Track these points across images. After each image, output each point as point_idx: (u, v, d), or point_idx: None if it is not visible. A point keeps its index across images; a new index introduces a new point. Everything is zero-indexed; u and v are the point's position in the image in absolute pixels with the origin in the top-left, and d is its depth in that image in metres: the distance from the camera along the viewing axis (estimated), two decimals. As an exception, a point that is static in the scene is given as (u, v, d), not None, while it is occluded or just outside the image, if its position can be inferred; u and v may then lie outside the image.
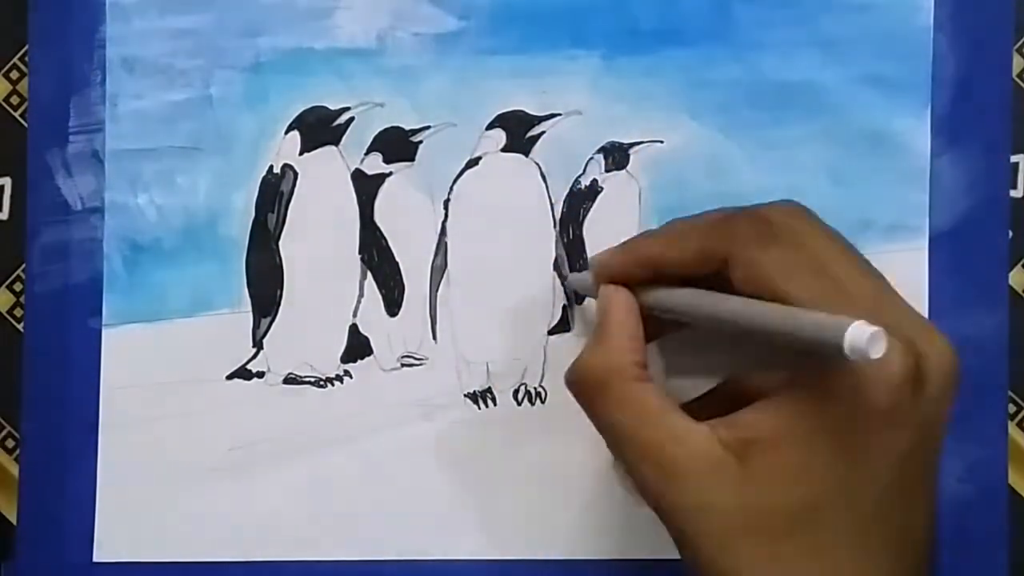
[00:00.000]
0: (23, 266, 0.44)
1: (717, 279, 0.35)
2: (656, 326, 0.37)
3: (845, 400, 0.31)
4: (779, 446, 0.32)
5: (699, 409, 0.34)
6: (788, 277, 0.33)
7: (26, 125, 0.44)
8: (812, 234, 0.35)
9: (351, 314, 0.43)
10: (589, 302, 0.43)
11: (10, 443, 0.44)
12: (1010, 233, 0.42)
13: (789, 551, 0.32)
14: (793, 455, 0.32)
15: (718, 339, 0.37)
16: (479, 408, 0.43)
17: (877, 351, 0.29)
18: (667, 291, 0.36)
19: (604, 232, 0.43)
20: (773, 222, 0.34)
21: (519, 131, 0.43)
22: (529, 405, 0.43)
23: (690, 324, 0.36)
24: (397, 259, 0.43)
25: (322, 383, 0.43)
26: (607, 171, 0.43)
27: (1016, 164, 0.42)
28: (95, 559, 0.43)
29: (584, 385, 0.35)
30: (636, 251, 0.37)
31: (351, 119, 0.43)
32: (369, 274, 0.43)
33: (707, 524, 0.32)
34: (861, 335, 0.29)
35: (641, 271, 0.37)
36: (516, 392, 0.43)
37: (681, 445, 0.33)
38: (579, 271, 0.43)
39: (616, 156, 0.43)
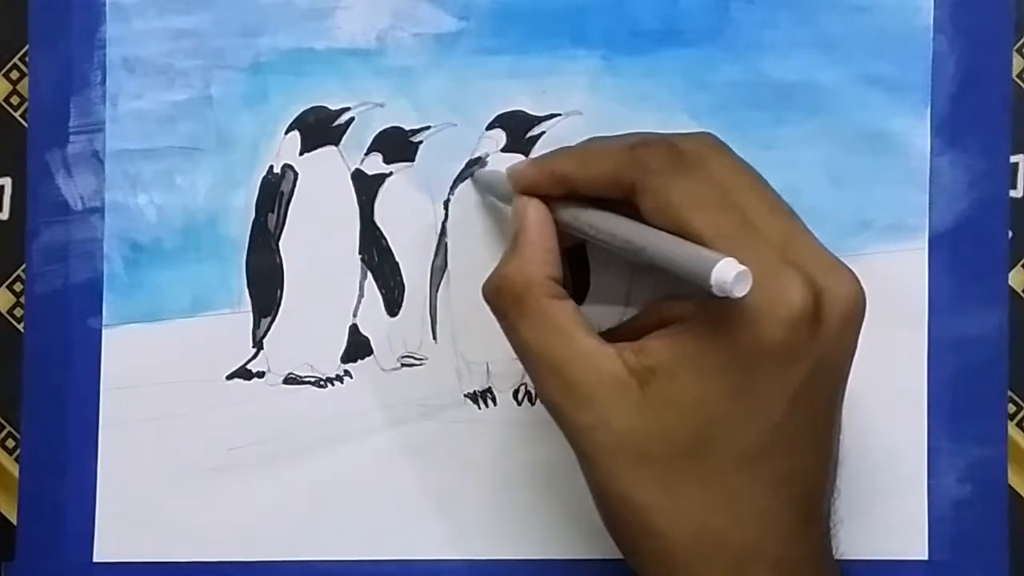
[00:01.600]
0: (23, 266, 0.44)
1: (631, 205, 0.35)
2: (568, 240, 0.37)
3: (741, 333, 0.31)
4: (676, 375, 0.32)
5: (618, 335, 0.35)
6: (694, 209, 0.33)
7: (26, 125, 0.44)
8: (723, 167, 0.34)
9: (351, 314, 0.43)
10: (589, 303, 0.43)
11: (10, 443, 0.44)
12: (1010, 233, 0.42)
13: (679, 478, 0.32)
14: (689, 385, 0.32)
15: (638, 266, 0.37)
16: (479, 408, 0.43)
17: (741, 290, 0.29)
18: (575, 210, 0.36)
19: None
20: (684, 152, 0.34)
21: (519, 131, 0.43)
22: (529, 405, 0.43)
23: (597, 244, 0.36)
24: (397, 259, 0.43)
25: (322, 383, 0.43)
26: (607, 171, 0.43)
27: (1016, 164, 0.43)
28: (95, 559, 0.43)
29: (500, 297, 0.35)
30: (551, 166, 0.37)
31: (351, 119, 0.43)
32: (369, 274, 0.43)
33: (603, 444, 0.33)
34: (727, 272, 0.29)
35: (554, 187, 0.37)
36: (516, 392, 0.43)
37: (587, 364, 0.33)
38: (578, 271, 0.43)
39: (616, 156, 0.43)
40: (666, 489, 0.33)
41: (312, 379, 0.43)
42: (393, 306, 0.43)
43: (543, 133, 0.43)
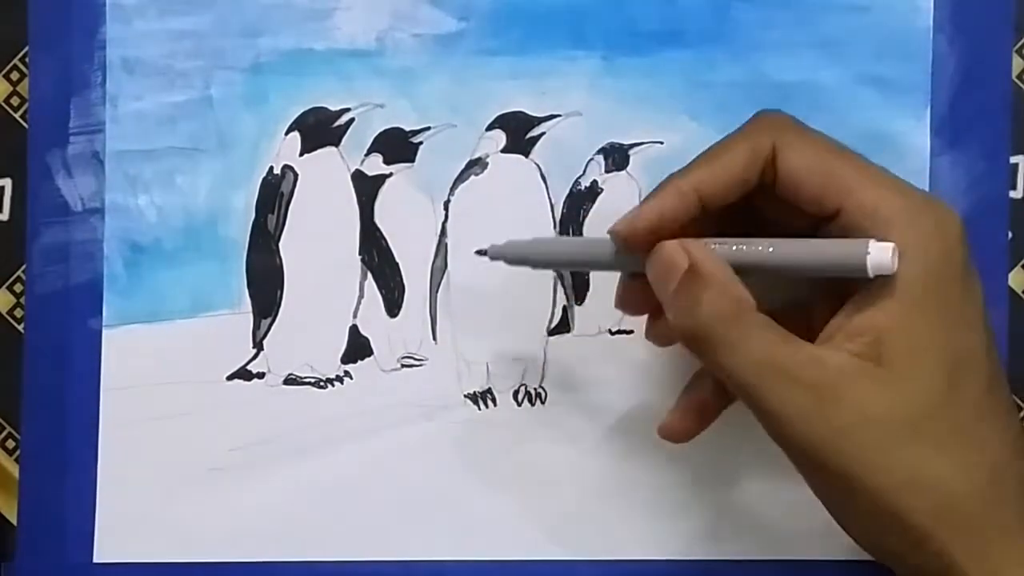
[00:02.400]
0: (23, 267, 0.44)
1: (746, 207, 0.35)
2: None
3: (934, 264, 0.33)
4: (903, 333, 0.32)
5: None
6: (832, 155, 0.34)
7: (26, 126, 0.44)
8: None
9: (351, 315, 0.43)
10: (589, 303, 0.43)
11: (10, 443, 0.44)
12: (1010, 233, 0.42)
13: (953, 432, 0.32)
14: (918, 336, 0.32)
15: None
16: (479, 408, 0.43)
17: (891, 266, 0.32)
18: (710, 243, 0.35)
19: (604, 233, 0.43)
20: (782, 114, 0.36)
21: (519, 132, 0.43)
22: (529, 406, 0.43)
23: None
24: (397, 260, 0.43)
25: (322, 383, 0.43)
26: (607, 172, 0.43)
27: (1016, 164, 0.42)
28: (95, 559, 0.43)
29: (711, 325, 0.33)
30: (677, 187, 0.35)
31: (351, 120, 0.43)
32: (369, 275, 0.43)
33: (869, 435, 0.32)
34: (883, 254, 0.32)
35: (684, 209, 0.34)
36: (516, 393, 0.43)
37: (823, 366, 0.32)
38: (579, 272, 0.43)
39: (616, 157, 0.43)
40: (948, 448, 0.32)
41: (312, 379, 0.43)
42: (393, 307, 0.43)
43: (543, 134, 0.43)
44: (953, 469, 0.32)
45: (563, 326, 0.43)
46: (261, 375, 0.43)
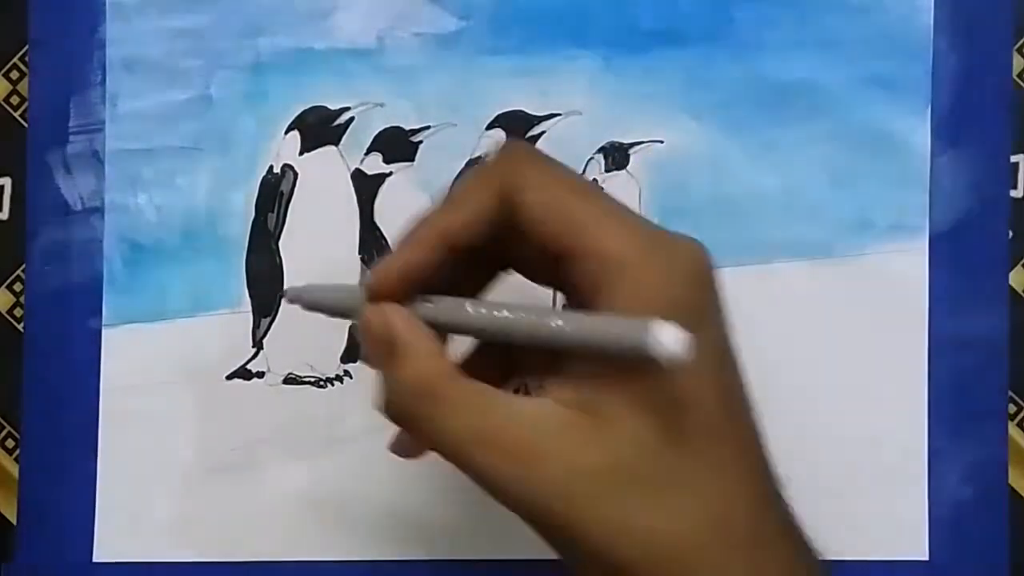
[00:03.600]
0: (23, 266, 0.44)
1: (496, 250, 0.33)
2: None
3: (657, 298, 0.31)
4: (612, 390, 0.31)
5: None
6: (571, 194, 0.32)
7: (26, 125, 0.44)
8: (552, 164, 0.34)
9: (351, 314, 0.43)
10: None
11: (10, 443, 0.44)
12: (1010, 233, 0.42)
13: (664, 485, 0.31)
14: (625, 393, 0.31)
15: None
16: (479, 408, 0.43)
17: (683, 353, 0.28)
18: (426, 307, 0.33)
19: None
20: (525, 145, 0.34)
21: (519, 131, 0.43)
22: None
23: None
24: (397, 259, 0.43)
25: (322, 383, 0.43)
26: (607, 171, 0.43)
27: (1016, 164, 0.42)
28: (95, 559, 0.43)
29: (405, 401, 0.32)
30: (423, 235, 0.33)
31: (351, 119, 0.43)
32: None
33: (577, 489, 0.31)
34: (669, 338, 0.28)
35: (433, 253, 0.33)
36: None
37: (522, 426, 0.31)
38: None
39: (616, 156, 0.43)
40: (661, 496, 0.31)
41: (312, 379, 0.43)
42: (393, 306, 0.43)
43: (543, 133, 0.43)
44: (667, 517, 0.31)
45: (563, 326, 0.43)
46: (261, 374, 0.43)
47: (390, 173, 0.43)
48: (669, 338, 0.28)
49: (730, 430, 0.32)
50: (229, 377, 0.43)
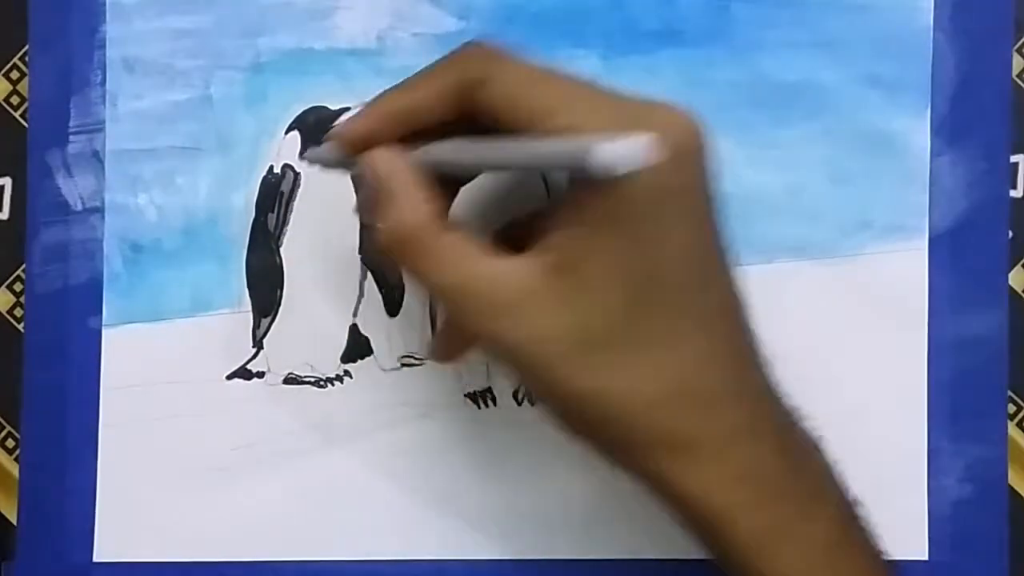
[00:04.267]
0: (23, 266, 0.44)
1: (462, 122, 0.34)
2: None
3: (622, 193, 0.31)
4: (583, 256, 0.32)
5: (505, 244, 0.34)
6: (534, 83, 0.33)
7: (26, 125, 0.44)
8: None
9: (351, 314, 0.43)
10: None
11: (10, 443, 0.44)
12: (1010, 233, 0.42)
13: (624, 354, 0.32)
14: (600, 259, 0.32)
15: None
16: (479, 408, 0.43)
17: (629, 162, 0.29)
18: (424, 148, 0.35)
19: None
20: (489, 43, 0.34)
21: (519, 131, 0.43)
22: (529, 405, 0.43)
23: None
24: (397, 259, 0.43)
25: (322, 383, 0.43)
26: (607, 171, 0.43)
27: (1016, 164, 0.42)
28: (95, 559, 0.43)
29: (394, 248, 0.34)
30: (381, 107, 0.35)
31: (351, 119, 0.43)
32: (369, 274, 0.43)
33: (543, 349, 0.32)
34: (610, 151, 0.29)
35: (390, 128, 0.35)
36: (516, 392, 0.43)
37: (500, 278, 0.32)
38: None
39: (616, 156, 0.43)
40: (617, 368, 0.32)
41: (312, 379, 0.43)
42: (393, 306, 0.43)
43: (543, 133, 0.43)
44: (635, 378, 0.32)
45: (563, 326, 0.43)
46: (261, 374, 0.43)
47: (390, 173, 0.43)
48: (626, 147, 0.29)
49: (702, 300, 0.33)
50: (229, 377, 0.43)
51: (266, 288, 0.43)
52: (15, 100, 0.44)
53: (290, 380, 0.43)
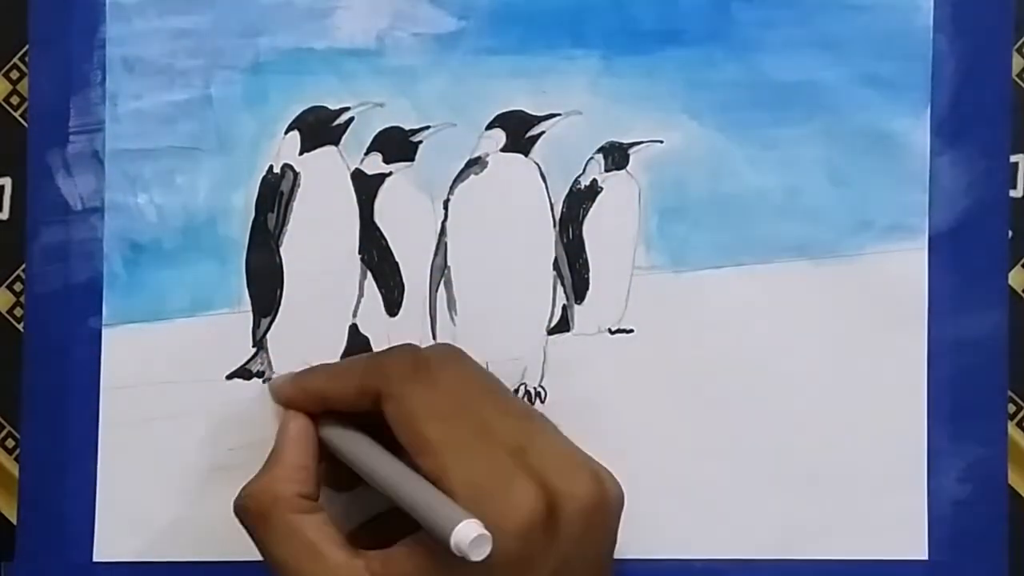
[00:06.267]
0: (23, 266, 0.44)
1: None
2: None
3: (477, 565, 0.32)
4: None
5: (373, 533, 0.36)
6: (429, 419, 0.34)
7: (26, 125, 0.44)
8: (461, 374, 0.37)
9: (351, 314, 0.43)
10: (589, 302, 0.43)
11: (10, 443, 0.44)
12: (1010, 233, 0.42)
13: None
14: None
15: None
16: (479, 408, 0.43)
17: (480, 554, 0.30)
18: (332, 425, 0.38)
19: (604, 232, 0.43)
20: (425, 359, 0.36)
21: (519, 131, 0.43)
22: (529, 404, 0.43)
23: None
24: (397, 259, 0.43)
25: (322, 383, 0.43)
26: (607, 171, 0.43)
27: (1016, 164, 0.42)
28: (95, 559, 0.43)
29: (248, 513, 0.36)
30: (303, 383, 0.39)
31: (351, 119, 0.43)
32: (369, 274, 0.43)
33: None
34: (466, 536, 0.30)
35: (310, 404, 0.38)
36: (516, 391, 0.43)
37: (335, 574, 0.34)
38: (577, 271, 0.43)
39: (616, 156, 0.43)
40: None
41: (312, 379, 0.43)
42: (393, 306, 0.43)
43: (543, 133, 0.43)
44: None
45: (563, 325, 0.43)
46: (261, 374, 0.43)
47: (390, 173, 0.43)
48: (469, 534, 0.30)
49: None
50: (229, 377, 0.43)
51: (266, 288, 0.43)
52: (15, 100, 0.44)
53: (290, 380, 0.43)
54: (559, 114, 0.43)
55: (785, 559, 0.42)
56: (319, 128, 0.43)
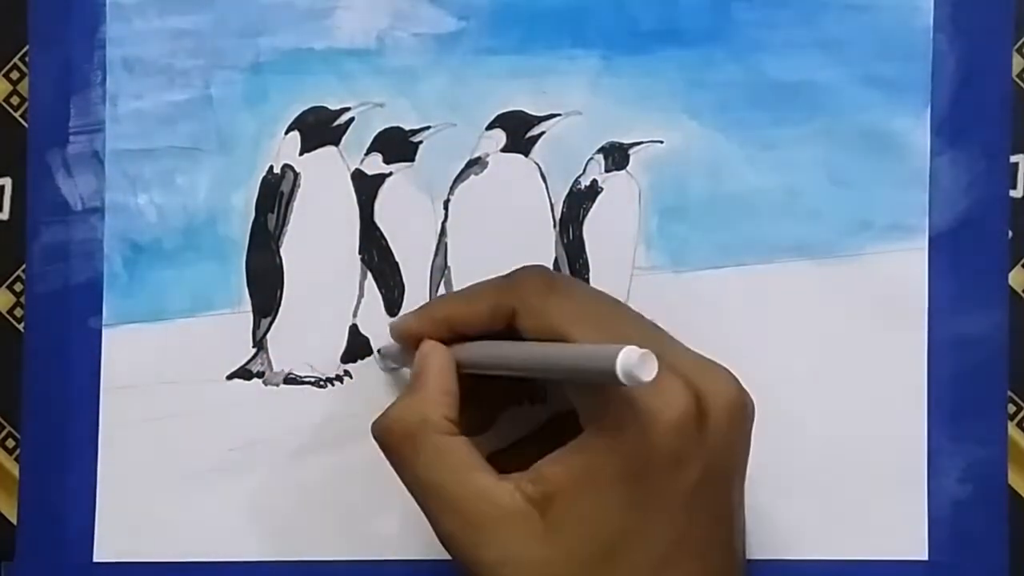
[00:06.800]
0: (23, 266, 0.44)
1: (512, 335, 0.36)
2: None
3: (631, 444, 0.32)
4: (574, 497, 0.33)
5: (512, 459, 0.35)
6: (572, 324, 0.34)
7: (26, 125, 0.44)
8: (590, 292, 0.38)
9: (351, 314, 0.43)
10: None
11: (10, 443, 0.44)
12: (1010, 233, 0.42)
13: None
14: (588, 505, 0.32)
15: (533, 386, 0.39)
16: (479, 408, 0.43)
17: (648, 372, 0.29)
18: (465, 346, 0.37)
19: (604, 232, 0.43)
20: (555, 278, 0.37)
21: (519, 131, 0.43)
22: (529, 405, 0.43)
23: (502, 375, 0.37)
24: (397, 259, 0.43)
25: (322, 383, 0.43)
26: (607, 171, 0.43)
27: (1016, 164, 0.42)
28: (95, 559, 0.43)
29: (392, 436, 0.36)
30: (432, 313, 0.39)
31: (351, 119, 0.43)
32: (369, 274, 0.43)
33: (510, 574, 0.33)
34: (631, 358, 0.29)
35: (439, 332, 0.38)
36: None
37: (486, 500, 0.33)
38: (578, 271, 0.43)
39: (616, 156, 0.43)
40: None
41: (312, 379, 0.43)
42: (393, 306, 0.43)
43: (543, 133, 0.43)
44: None
45: (563, 325, 0.43)
46: (261, 374, 0.43)
47: (390, 173, 0.43)
48: (633, 355, 0.29)
49: (685, 555, 0.33)
50: (229, 377, 0.43)
51: (266, 288, 0.43)
52: (15, 100, 0.44)
53: (290, 380, 0.43)
54: (559, 114, 0.43)
55: (785, 559, 0.42)
56: (319, 128, 0.43)
